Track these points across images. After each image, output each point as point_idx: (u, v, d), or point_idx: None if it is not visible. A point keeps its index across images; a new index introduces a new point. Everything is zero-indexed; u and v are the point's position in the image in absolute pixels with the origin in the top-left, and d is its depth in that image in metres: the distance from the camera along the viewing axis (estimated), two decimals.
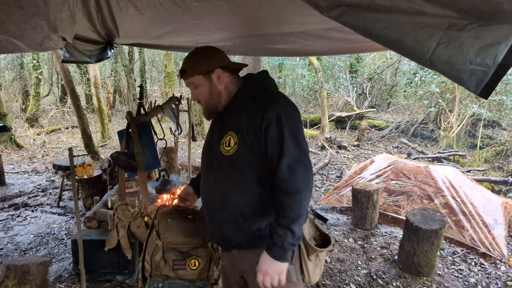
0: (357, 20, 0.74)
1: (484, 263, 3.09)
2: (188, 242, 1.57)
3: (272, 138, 1.17)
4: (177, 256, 1.55)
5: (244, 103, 1.28)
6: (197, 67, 1.32)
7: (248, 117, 1.22)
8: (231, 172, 1.27)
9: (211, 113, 1.38)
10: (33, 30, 1.07)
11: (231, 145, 1.24)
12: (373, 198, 3.65)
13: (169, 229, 1.57)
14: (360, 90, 11.74)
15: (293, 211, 1.18)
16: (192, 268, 1.53)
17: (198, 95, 1.34)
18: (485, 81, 0.59)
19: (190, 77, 1.33)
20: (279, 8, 1.57)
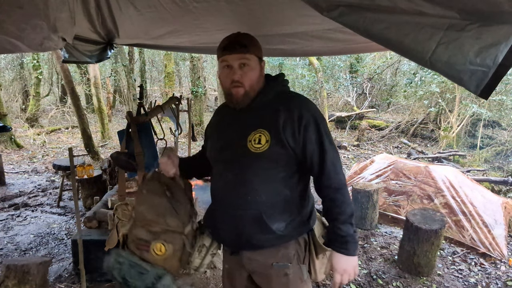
0: (357, 21, 0.74)
1: (484, 263, 3.09)
2: (159, 222, 1.36)
3: (311, 138, 1.21)
4: (145, 235, 1.36)
5: (270, 101, 1.26)
6: (256, 48, 1.25)
7: (283, 116, 1.20)
8: (259, 171, 1.23)
9: (245, 100, 1.25)
10: (33, 31, 1.07)
11: (262, 143, 1.20)
12: (373, 198, 3.65)
13: (142, 202, 1.41)
14: (360, 90, 11.74)
15: (348, 205, 1.24)
16: (157, 253, 1.33)
17: (246, 75, 1.21)
18: (485, 82, 0.59)
19: (248, 53, 1.21)
20: (279, 9, 1.57)
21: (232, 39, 1.23)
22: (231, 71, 1.21)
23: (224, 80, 1.25)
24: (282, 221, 1.26)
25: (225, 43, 1.23)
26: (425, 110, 8.91)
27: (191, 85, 9.69)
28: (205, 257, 1.42)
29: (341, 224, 1.23)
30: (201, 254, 1.42)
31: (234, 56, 1.20)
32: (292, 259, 1.29)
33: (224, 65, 1.23)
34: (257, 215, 1.24)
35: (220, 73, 1.28)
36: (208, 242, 1.41)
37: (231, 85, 1.22)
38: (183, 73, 15.22)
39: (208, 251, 1.41)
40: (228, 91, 1.25)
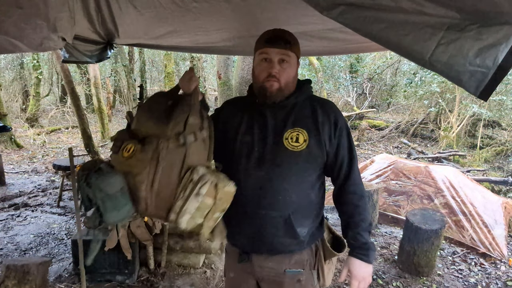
0: (357, 20, 0.74)
1: (484, 263, 3.09)
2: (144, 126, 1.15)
3: (344, 143, 1.23)
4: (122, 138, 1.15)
5: (304, 102, 1.25)
6: (297, 47, 1.22)
7: (321, 117, 1.20)
8: (293, 170, 1.18)
9: (278, 95, 1.20)
10: (32, 31, 1.07)
11: (300, 142, 1.17)
12: (373, 198, 3.65)
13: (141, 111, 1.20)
14: (360, 90, 11.74)
15: (368, 214, 1.27)
16: (123, 154, 1.06)
17: (284, 72, 1.18)
18: (484, 83, 0.59)
19: (290, 50, 1.18)
20: (279, 9, 1.57)
21: (276, 33, 1.19)
22: (269, 64, 1.17)
23: (259, 73, 1.20)
24: (305, 226, 1.24)
25: (269, 35, 1.19)
26: (425, 110, 8.91)
27: None
28: (188, 198, 1.02)
29: (363, 231, 1.24)
30: (185, 192, 1.03)
31: (276, 51, 1.16)
32: (305, 265, 1.27)
33: (263, 58, 1.18)
34: (285, 217, 1.19)
35: (255, 66, 1.23)
36: (197, 175, 1.04)
37: (266, 79, 1.17)
38: (183, 73, 15.20)
39: (193, 190, 1.02)
40: (261, 84, 1.19)
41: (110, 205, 0.99)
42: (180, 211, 1.02)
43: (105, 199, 0.98)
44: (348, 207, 1.26)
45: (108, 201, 0.98)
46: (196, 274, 2.73)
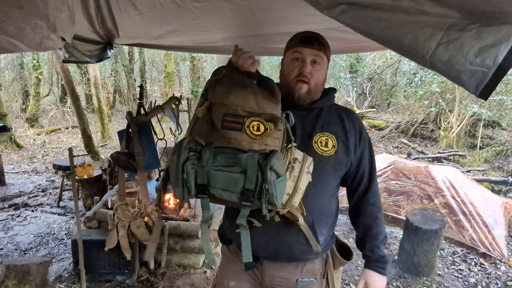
0: (358, 19, 0.74)
1: (484, 263, 3.09)
2: (249, 104, 0.98)
3: (366, 153, 1.24)
4: (232, 111, 0.97)
5: (330, 108, 1.23)
6: (329, 51, 1.21)
7: (348, 125, 1.20)
8: (321, 175, 1.15)
9: (307, 98, 1.17)
10: (32, 30, 1.07)
11: (329, 147, 1.15)
12: None
13: (224, 79, 1.03)
14: (360, 90, 11.74)
15: (384, 227, 1.27)
16: (253, 132, 0.93)
17: (316, 73, 1.15)
18: (484, 82, 0.59)
19: (323, 52, 1.16)
20: (279, 8, 1.57)
21: (311, 34, 1.18)
22: (302, 64, 1.15)
23: (289, 72, 1.16)
24: (323, 234, 1.21)
25: (304, 35, 1.17)
26: (425, 110, 8.91)
27: (191, 85, 9.69)
28: (300, 176, 1.00)
29: (380, 244, 1.25)
30: (294, 172, 1.00)
31: (310, 51, 1.14)
32: (317, 274, 1.24)
33: (295, 57, 1.16)
34: (309, 223, 1.15)
35: (286, 64, 1.20)
36: (300, 156, 1.02)
37: (296, 78, 1.15)
38: (183, 73, 15.22)
39: (302, 168, 1.01)
40: (290, 84, 1.16)
41: (281, 186, 0.93)
42: (293, 190, 1.00)
43: (277, 181, 0.90)
44: (368, 219, 1.26)
45: (280, 182, 0.91)
46: (196, 274, 2.73)
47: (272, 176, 0.88)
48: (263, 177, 0.87)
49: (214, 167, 0.90)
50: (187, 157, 0.91)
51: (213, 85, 1.02)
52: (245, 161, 0.88)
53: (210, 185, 0.91)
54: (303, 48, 1.15)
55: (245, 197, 0.90)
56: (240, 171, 0.88)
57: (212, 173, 0.90)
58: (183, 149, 0.91)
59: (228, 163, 0.90)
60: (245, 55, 1.10)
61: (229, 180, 0.89)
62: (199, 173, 0.90)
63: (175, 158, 0.92)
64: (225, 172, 0.90)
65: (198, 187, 0.92)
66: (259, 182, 0.88)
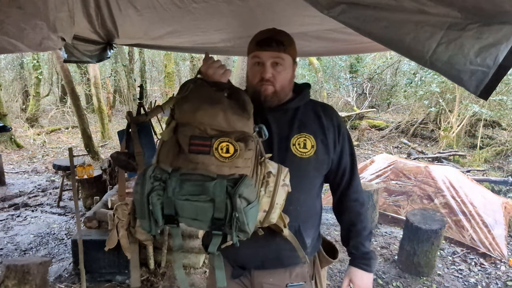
0: (358, 19, 0.74)
1: (484, 263, 3.09)
2: (217, 122, 0.92)
3: (347, 149, 1.21)
4: (199, 132, 0.91)
5: (305, 106, 1.20)
6: (293, 48, 1.15)
7: (326, 122, 1.17)
8: (303, 178, 1.13)
9: (274, 100, 1.14)
10: (32, 31, 1.07)
11: (308, 148, 1.12)
12: (373, 198, 3.65)
13: (186, 100, 0.96)
14: (360, 90, 11.74)
15: (368, 222, 1.26)
16: (222, 154, 0.87)
17: (279, 75, 1.11)
18: (485, 82, 0.59)
19: (284, 52, 1.11)
20: (279, 9, 1.57)
21: (268, 34, 1.12)
22: (262, 68, 1.11)
23: (252, 77, 1.14)
24: (310, 236, 1.20)
25: (260, 37, 1.12)
26: (425, 110, 8.91)
27: None
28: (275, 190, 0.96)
29: (364, 240, 1.23)
30: (269, 187, 0.95)
31: (268, 54, 1.10)
32: (306, 277, 1.22)
33: (255, 62, 1.13)
34: (295, 228, 1.13)
35: (248, 69, 1.17)
36: (274, 168, 0.97)
37: (260, 83, 1.12)
38: (183, 73, 15.22)
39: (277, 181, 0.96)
40: (255, 88, 1.13)
41: (253, 213, 0.88)
42: (270, 206, 0.96)
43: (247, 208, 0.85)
44: (351, 215, 1.24)
45: (251, 209, 0.87)
46: (196, 274, 2.73)
47: (242, 204, 0.83)
48: (232, 206, 0.83)
49: (181, 197, 0.85)
50: (152, 188, 0.86)
51: (180, 103, 0.96)
52: (212, 190, 0.83)
53: (178, 215, 0.87)
54: (260, 52, 1.11)
55: (215, 226, 0.86)
56: (209, 199, 0.84)
57: (180, 203, 0.85)
58: (147, 180, 0.86)
59: (195, 192, 0.85)
60: (215, 64, 1.04)
61: (197, 209, 0.85)
62: (166, 204, 0.86)
63: (139, 190, 0.87)
64: (193, 202, 0.85)
65: (166, 218, 0.88)
66: (229, 210, 0.84)
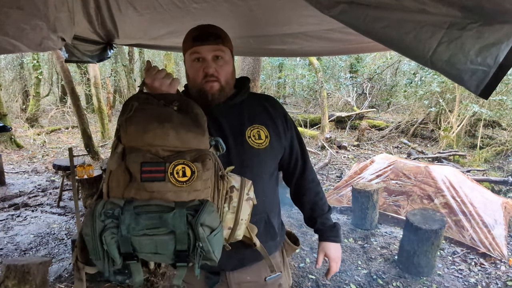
0: (358, 19, 0.74)
1: (484, 263, 3.09)
2: (169, 141, 0.85)
3: (294, 136, 1.25)
4: (150, 157, 0.82)
5: (249, 99, 1.19)
6: (229, 41, 1.13)
7: (272, 113, 1.19)
8: (264, 169, 1.13)
9: (221, 96, 1.11)
10: (32, 31, 1.07)
11: (262, 138, 1.12)
12: (373, 198, 3.65)
13: (136, 116, 0.87)
14: (360, 90, 11.74)
15: (325, 198, 1.32)
16: (179, 179, 0.80)
17: (222, 69, 1.09)
18: (485, 81, 0.59)
19: (222, 45, 1.09)
20: (279, 9, 1.57)
21: (204, 29, 1.09)
22: (204, 64, 1.07)
23: (195, 75, 1.09)
24: (277, 222, 1.22)
25: (196, 33, 1.09)
26: (425, 110, 8.91)
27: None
28: (239, 205, 0.91)
29: (328, 214, 1.29)
30: (232, 203, 0.90)
31: (208, 48, 1.06)
32: (280, 267, 1.23)
33: (195, 58, 1.08)
34: (265, 219, 1.15)
35: (188, 68, 1.12)
36: (237, 182, 0.93)
37: (204, 80, 1.07)
38: (183, 73, 15.23)
39: (241, 196, 0.92)
40: (200, 87, 1.09)
41: (218, 240, 0.82)
42: (235, 223, 0.91)
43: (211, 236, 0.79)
44: (311, 196, 1.28)
45: (215, 236, 0.80)
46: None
47: (205, 233, 0.77)
48: (195, 236, 0.76)
49: (137, 232, 0.76)
50: (104, 227, 0.77)
51: (124, 125, 0.86)
52: (172, 222, 0.76)
53: (137, 251, 0.79)
54: (199, 47, 1.07)
55: (179, 259, 0.79)
56: (168, 232, 0.76)
57: (137, 239, 0.77)
58: (97, 218, 0.77)
59: (153, 225, 0.76)
60: (160, 74, 0.98)
61: (157, 243, 0.77)
62: (122, 242, 0.77)
63: (90, 231, 0.77)
64: (152, 236, 0.77)
65: (124, 255, 0.80)
66: (192, 241, 0.77)
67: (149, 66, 1.01)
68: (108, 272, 0.83)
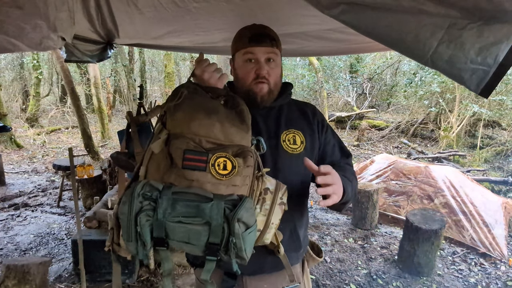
0: (358, 19, 0.74)
1: (484, 263, 3.09)
2: (214, 134, 0.85)
3: (330, 135, 1.19)
4: (194, 146, 0.83)
5: (289, 104, 1.19)
6: (280, 43, 1.12)
7: (311, 118, 1.17)
8: (296, 176, 1.09)
9: (270, 98, 1.10)
10: (32, 30, 1.07)
11: (297, 143, 1.09)
12: (373, 198, 3.65)
13: (184, 103, 0.88)
14: (360, 90, 11.74)
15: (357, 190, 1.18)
16: (219, 171, 0.80)
17: (273, 72, 1.08)
18: (485, 80, 0.60)
19: (276, 48, 1.08)
20: (279, 9, 1.57)
21: (260, 30, 1.08)
22: (257, 65, 1.06)
23: (246, 75, 1.08)
24: (303, 234, 1.16)
25: (252, 33, 1.07)
26: (425, 110, 8.92)
27: None
28: (272, 209, 0.89)
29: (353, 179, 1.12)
30: (265, 205, 0.89)
31: (263, 49, 1.05)
32: (299, 277, 1.18)
33: (248, 58, 1.07)
34: (291, 228, 1.10)
35: (239, 67, 1.11)
36: (272, 185, 0.91)
37: (254, 81, 1.07)
38: (183, 73, 15.24)
39: (274, 199, 0.90)
40: (249, 88, 1.08)
41: (251, 238, 0.80)
42: (265, 226, 0.88)
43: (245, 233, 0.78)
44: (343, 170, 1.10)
45: (250, 233, 0.79)
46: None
47: (240, 229, 0.76)
48: (229, 230, 0.75)
49: (172, 218, 0.76)
50: (141, 208, 0.77)
51: (172, 111, 0.88)
52: (209, 213, 0.75)
53: (169, 238, 0.78)
54: (254, 48, 1.05)
55: (210, 251, 0.78)
56: (204, 222, 0.76)
57: (171, 225, 0.76)
58: (135, 198, 0.77)
59: (189, 214, 0.76)
60: (211, 68, 0.98)
61: (191, 232, 0.76)
62: (156, 226, 0.77)
63: (126, 211, 0.77)
64: (186, 224, 0.76)
65: (155, 240, 0.79)
66: (226, 235, 0.76)
67: (201, 57, 1.01)
68: (141, 254, 0.81)
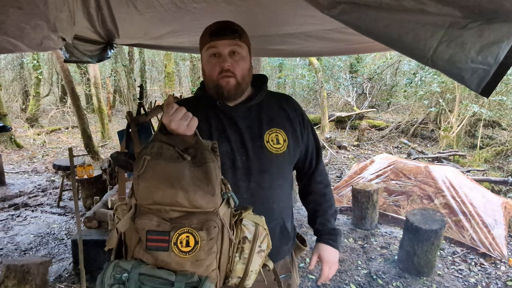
0: (358, 19, 0.74)
1: (484, 263, 3.09)
2: (178, 201, 0.84)
3: (311, 136, 1.24)
4: (156, 224, 0.84)
5: (269, 100, 1.18)
6: (247, 37, 1.11)
7: (291, 114, 1.17)
8: (281, 175, 1.12)
9: (238, 92, 1.10)
10: (32, 30, 1.07)
11: (280, 143, 1.10)
12: (373, 198, 3.65)
13: (145, 176, 0.86)
14: (360, 90, 11.74)
15: (333, 201, 1.30)
16: (182, 249, 0.82)
17: (238, 64, 1.07)
18: (486, 80, 0.59)
19: (239, 40, 1.06)
20: (279, 9, 1.57)
21: (222, 24, 1.08)
22: (220, 59, 1.06)
23: (211, 71, 1.07)
24: (291, 225, 1.22)
25: (214, 28, 1.07)
26: (425, 110, 8.91)
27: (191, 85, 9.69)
28: (250, 258, 0.92)
29: (331, 218, 1.26)
30: (244, 254, 0.92)
31: (225, 42, 1.05)
32: (290, 267, 1.24)
33: (211, 53, 1.07)
34: (281, 224, 1.15)
35: (205, 63, 1.10)
36: (251, 233, 0.93)
37: (220, 75, 1.06)
38: (183, 73, 15.24)
39: (253, 248, 0.93)
40: (216, 83, 1.07)
41: None
42: (244, 274, 0.93)
43: None
44: (316, 196, 1.27)
45: None
46: None
47: None
48: None
49: None
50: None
51: (137, 182, 0.88)
52: None
53: None
54: (216, 42, 1.05)
55: None
56: None
57: None
58: (105, 284, 0.83)
59: None
60: (177, 115, 0.91)
61: None
62: None
63: None
64: None
65: None
66: None
67: (169, 101, 0.97)
68: None
